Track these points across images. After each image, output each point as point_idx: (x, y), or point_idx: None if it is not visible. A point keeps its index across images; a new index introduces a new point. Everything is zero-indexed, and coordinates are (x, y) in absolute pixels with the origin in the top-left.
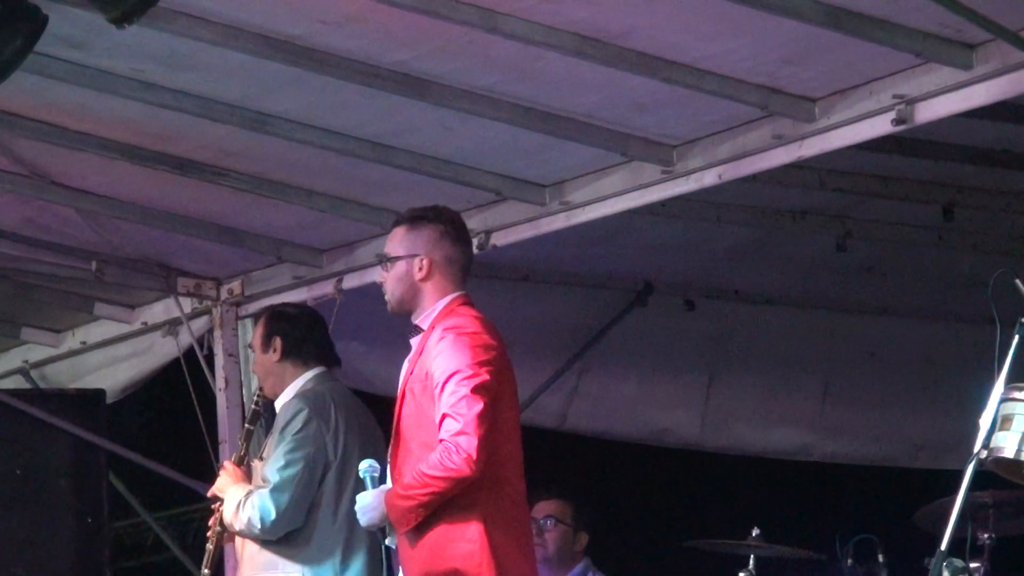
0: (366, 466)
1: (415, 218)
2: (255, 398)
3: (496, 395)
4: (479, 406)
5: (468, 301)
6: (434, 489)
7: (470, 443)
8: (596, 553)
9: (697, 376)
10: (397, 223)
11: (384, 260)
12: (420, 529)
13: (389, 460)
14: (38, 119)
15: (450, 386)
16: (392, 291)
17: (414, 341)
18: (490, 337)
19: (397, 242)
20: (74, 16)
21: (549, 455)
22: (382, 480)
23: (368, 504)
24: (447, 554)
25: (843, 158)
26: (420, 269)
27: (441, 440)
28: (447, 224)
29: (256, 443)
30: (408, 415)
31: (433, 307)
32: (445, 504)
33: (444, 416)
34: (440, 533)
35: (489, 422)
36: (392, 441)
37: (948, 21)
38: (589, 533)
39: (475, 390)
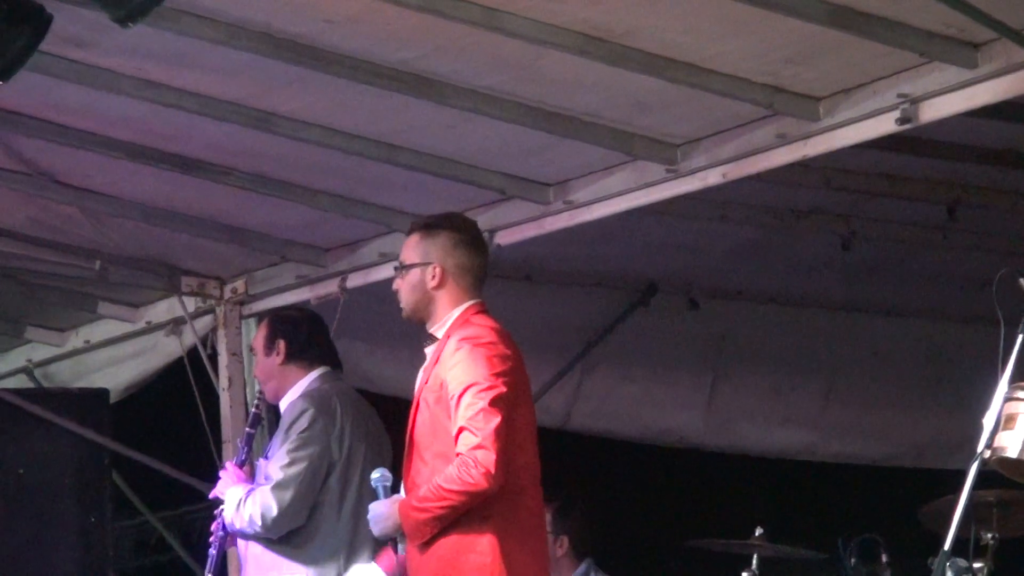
0: (378, 475)
1: (429, 225)
2: (256, 401)
3: (512, 406)
4: (497, 419)
5: (483, 309)
6: (451, 503)
7: (488, 457)
8: (599, 553)
9: (701, 376)
10: (412, 230)
11: (398, 268)
12: (432, 538)
13: (403, 470)
14: (42, 118)
15: (467, 398)
16: (406, 299)
17: (429, 350)
18: (506, 347)
19: (411, 249)
20: (78, 15)
21: (552, 455)
22: (395, 489)
23: (381, 514)
24: (459, 565)
25: (847, 157)
26: (433, 277)
27: (459, 454)
28: (461, 232)
29: (259, 445)
30: (422, 424)
31: (447, 316)
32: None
33: (461, 429)
34: (452, 543)
35: (506, 435)
36: (406, 451)
37: (952, 20)
38: (571, 535)
39: (492, 403)
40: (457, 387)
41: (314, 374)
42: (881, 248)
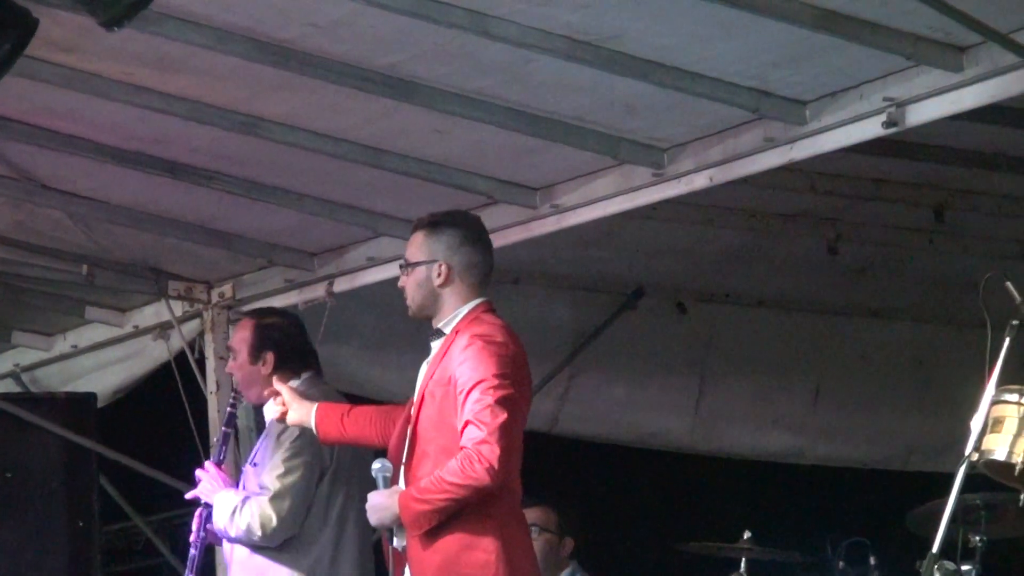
0: (378, 466)
1: (434, 223)
2: (231, 401)
3: (517, 407)
4: (503, 416)
5: (491, 307)
6: (452, 496)
7: (492, 452)
8: (586, 557)
9: (688, 379)
10: (417, 227)
11: (403, 265)
12: (434, 534)
13: (404, 462)
14: (28, 123)
15: (475, 394)
16: (412, 296)
17: (435, 344)
18: (515, 348)
19: (416, 247)
20: (64, 19)
21: (540, 459)
22: (394, 481)
23: (380, 503)
24: (462, 561)
25: (834, 161)
26: (439, 275)
27: (463, 447)
28: (466, 229)
29: (248, 445)
30: (427, 418)
31: (455, 312)
32: (462, 510)
33: (467, 423)
34: (456, 540)
35: (511, 434)
36: (408, 443)
37: (938, 24)
38: (575, 537)
39: (500, 401)
40: (466, 382)
41: (299, 380)
42: (868, 251)
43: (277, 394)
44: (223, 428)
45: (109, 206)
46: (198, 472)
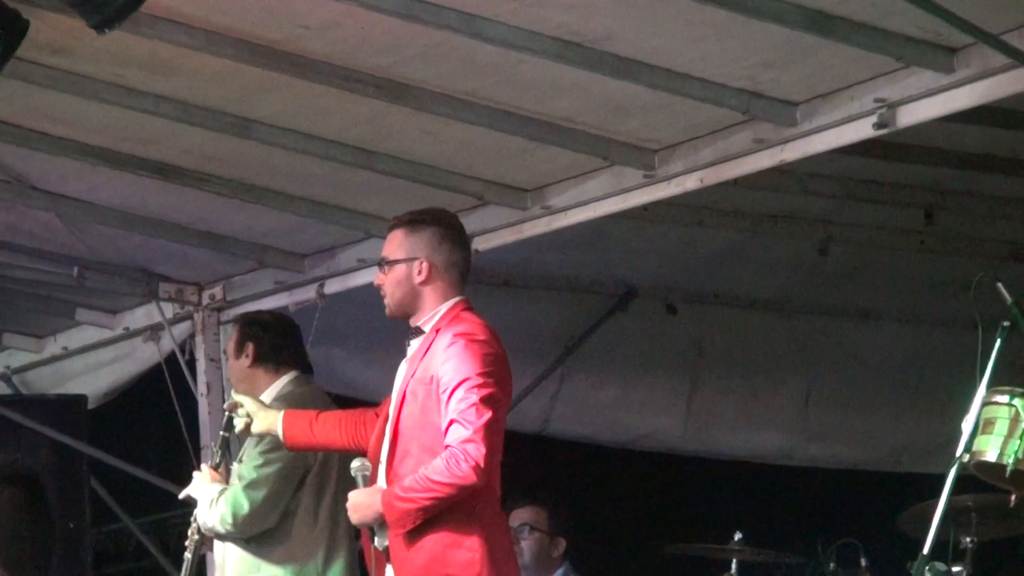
0: (357, 464)
1: (414, 221)
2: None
3: (500, 405)
4: (488, 415)
5: (470, 306)
6: (437, 495)
7: (478, 451)
8: (577, 558)
9: (679, 380)
10: (396, 225)
11: (383, 263)
12: (419, 532)
13: (385, 460)
14: (19, 124)
15: (459, 392)
16: (391, 294)
17: (415, 343)
18: (498, 347)
19: (396, 245)
20: (55, 21)
21: (531, 460)
22: (374, 479)
23: (361, 502)
24: (446, 560)
25: (825, 162)
26: (420, 272)
27: (447, 446)
28: (447, 227)
29: (238, 449)
30: (408, 416)
31: (435, 311)
32: (447, 509)
33: (452, 422)
34: (440, 538)
35: (496, 432)
36: (389, 441)
37: (929, 25)
38: (566, 537)
39: (484, 400)
40: (450, 381)
41: (285, 378)
42: (859, 252)
43: (238, 405)
44: (222, 432)
45: (99, 208)
46: (195, 473)
